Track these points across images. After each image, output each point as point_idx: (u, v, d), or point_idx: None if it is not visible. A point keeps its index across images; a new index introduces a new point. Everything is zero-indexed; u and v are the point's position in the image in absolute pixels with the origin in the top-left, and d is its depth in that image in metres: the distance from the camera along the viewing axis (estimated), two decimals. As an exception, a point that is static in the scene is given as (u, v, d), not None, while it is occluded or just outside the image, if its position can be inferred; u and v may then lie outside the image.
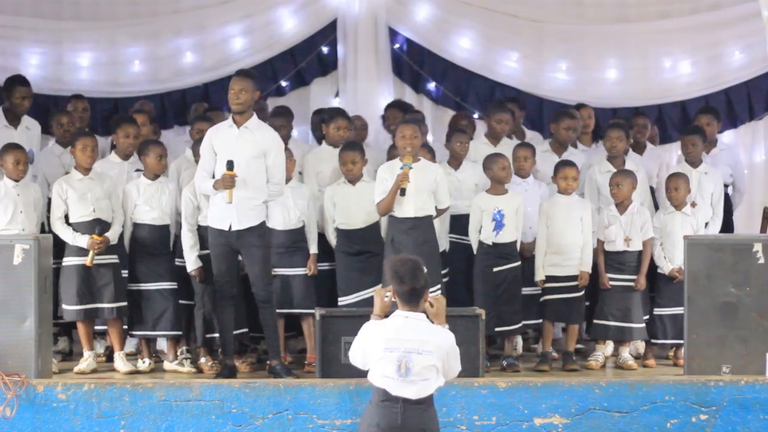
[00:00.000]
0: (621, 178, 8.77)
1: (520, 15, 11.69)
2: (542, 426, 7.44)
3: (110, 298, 8.32)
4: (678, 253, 8.65)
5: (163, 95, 11.52)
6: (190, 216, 8.42)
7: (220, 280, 8.10)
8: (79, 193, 8.37)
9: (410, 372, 5.63)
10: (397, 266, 5.74)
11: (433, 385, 5.70)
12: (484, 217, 8.65)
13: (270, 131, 8.22)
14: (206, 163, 8.09)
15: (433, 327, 5.79)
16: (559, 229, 8.66)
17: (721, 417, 7.48)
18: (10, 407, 7.29)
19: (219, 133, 8.11)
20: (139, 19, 11.62)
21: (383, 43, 11.55)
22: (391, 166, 8.34)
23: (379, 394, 5.64)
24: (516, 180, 8.95)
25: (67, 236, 8.32)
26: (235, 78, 8.07)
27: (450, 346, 5.79)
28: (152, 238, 8.54)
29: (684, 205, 8.87)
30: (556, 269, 8.65)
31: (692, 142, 9.30)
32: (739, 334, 7.89)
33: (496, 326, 8.51)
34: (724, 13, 11.51)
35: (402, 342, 5.66)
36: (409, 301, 5.73)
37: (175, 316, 8.51)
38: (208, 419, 7.37)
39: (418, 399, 5.63)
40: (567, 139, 9.56)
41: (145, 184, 8.59)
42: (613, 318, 8.69)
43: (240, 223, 7.99)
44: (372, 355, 5.68)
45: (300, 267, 8.62)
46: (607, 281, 8.71)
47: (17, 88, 8.97)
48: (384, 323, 5.77)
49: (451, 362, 5.85)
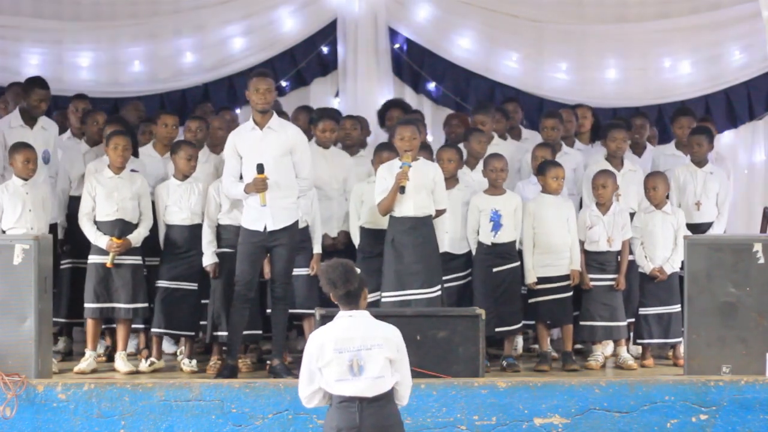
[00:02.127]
0: (605, 178, 8.78)
1: (520, 15, 11.69)
2: (542, 426, 7.44)
3: (127, 299, 8.35)
4: (659, 253, 8.72)
5: (163, 95, 11.52)
6: (213, 213, 8.45)
7: (241, 280, 8.09)
8: (107, 191, 8.40)
9: (363, 370, 5.58)
10: (329, 272, 5.69)
11: (389, 381, 5.64)
12: (481, 217, 8.65)
13: (293, 127, 8.29)
14: (232, 167, 8.11)
15: (379, 322, 5.75)
16: (548, 230, 8.66)
17: (721, 417, 7.48)
18: (10, 407, 7.29)
19: (242, 135, 8.13)
20: (139, 19, 11.62)
21: (383, 43, 11.55)
22: (390, 166, 8.33)
23: (336, 397, 5.62)
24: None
25: (90, 234, 8.37)
26: (260, 78, 8.07)
27: (399, 340, 5.72)
28: (183, 238, 8.54)
29: (664, 204, 8.87)
30: (547, 270, 8.65)
31: (698, 141, 9.27)
32: (739, 334, 7.89)
33: (496, 326, 8.52)
34: (724, 13, 11.50)
35: (350, 341, 5.61)
36: (348, 304, 5.71)
37: (198, 316, 8.57)
38: (208, 419, 7.37)
39: (375, 396, 5.60)
40: (549, 138, 9.54)
41: (174, 185, 8.60)
42: (601, 318, 8.69)
43: (275, 224, 8.02)
44: (322, 360, 5.63)
45: (302, 267, 8.60)
46: (589, 281, 8.72)
47: (35, 90, 8.96)
48: (329, 327, 5.73)
49: (403, 359, 5.73)
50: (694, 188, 9.20)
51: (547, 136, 9.45)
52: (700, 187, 9.19)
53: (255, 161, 7.95)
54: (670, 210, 8.87)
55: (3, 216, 8.27)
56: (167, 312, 8.50)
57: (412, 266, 8.14)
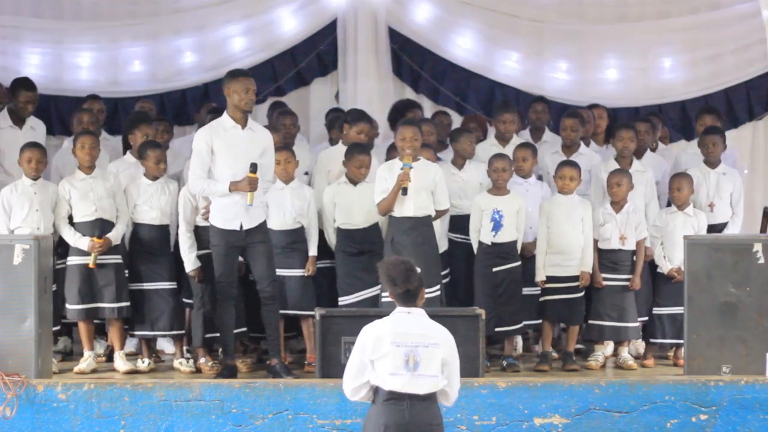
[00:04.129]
0: (621, 177, 8.78)
1: (520, 15, 11.69)
2: (542, 426, 7.45)
3: (111, 298, 8.33)
4: (677, 253, 8.68)
5: (163, 95, 11.51)
6: (189, 216, 8.41)
7: (223, 280, 8.08)
8: (82, 193, 8.38)
9: (418, 366, 5.61)
10: (390, 269, 5.72)
11: (440, 381, 5.67)
12: (483, 216, 8.66)
13: (265, 130, 8.29)
14: (203, 164, 8.01)
15: (436, 323, 5.79)
16: (560, 230, 8.66)
17: (721, 417, 7.48)
18: (10, 407, 7.30)
19: (220, 133, 8.05)
20: (139, 19, 11.61)
21: (383, 43, 11.54)
22: (391, 166, 8.34)
23: (383, 393, 5.62)
24: (517, 180, 8.96)
25: (70, 237, 8.35)
26: (245, 78, 8.05)
27: (454, 343, 5.77)
28: (152, 238, 8.54)
29: (687, 205, 8.87)
30: (557, 269, 8.65)
31: (713, 141, 9.25)
32: (739, 334, 7.90)
33: (496, 326, 8.52)
34: (724, 13, 11.50)
35: (408, 336, 5.64)
36: (406, 302, 5.73)
37: (175, 315, 8.52)
38: (208, 419, 7.37)
39: (425, 395, 5.62)
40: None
41: (145, 184, 8.59)
42: (609, 318, 8.69)
43: (251, 222, 8.01)
44: (377, 353, 5.63)
45: (297, 268, 8.58)
46: (601, 280, 8.72)
47: (21, 92, 8.98)
48: (386, 320, 5.75)
49: (455, 365, 5.79)
50: (707, 189, 9.18)
51: (566, 137, 9.42)
52: (713, 189, 9.18)
53: (235, 160, 7.92)
54: (691, 212, 8.87)
55: (11, 215, 8.28)
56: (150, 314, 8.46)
57: (411, 266, 8.13)
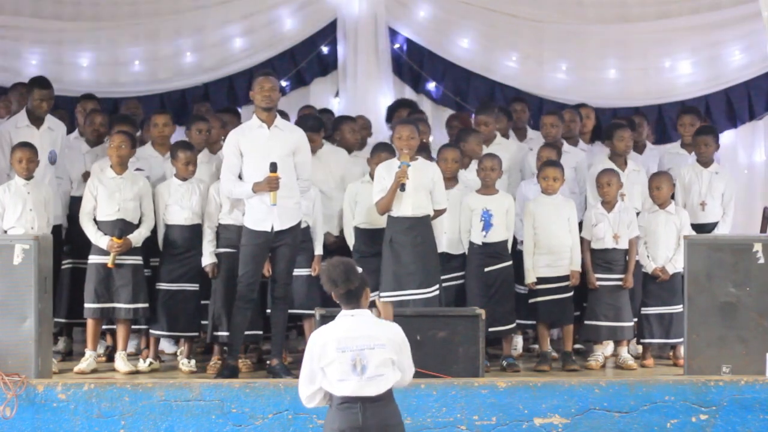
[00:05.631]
0: (610, 176, 8.80)
1: (520, 15, 11.70)
2: (542, 426, 7.44)
3: (127, 299, 8.34)
4: (661, 252, 8.74)
5: (163, 95, 11.52)
6: (213, 213, 8.45)
7: (245, 280, 8.08)
8: (108, 191, 8.40)
9: (366, 369, 5.58)
10: (330, 270, 5.68)
11: (390, 379, 5.64)
12: (473, 216, 8.65)
13: (298, 129, 8.31)
14: (233, 165, 8.07)
15: (381, 321, 5.75)
16: (549, 230, 8.66)
17: (721, 417, 7.47)
18: (10, 407, 7.29)
19: (246, 133, 8.10)
20: (139, 19, 11.63)
21: (383, 43, 11.56)
22: (389, 165, 8.32)
23: (336, 398, 5.61)
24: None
25: (91, 234, 8.37)
26: (266, 77, 8.09)
27: (402, 339, 5.73)
28: (183, 238, 8.54)
29: (668, 203, 8.88)
30: (548, 270, 8.64)
31: (705, 141, 9.26)
32: (739, 334, 7.89)
33: (490, 326, 8.46)
34: (724, 13, 11.51)
35: (353, 340, 5.60)
36: (349, 303, 5.70)
37: (194, 317, 8.57)
38: (208, 419, 7.36)
39: (377, 396, 5.60)
40: (548, 135, 9.52)
41: (176, 185, 8.60)
42: (606, 318, 8.69)
43: (282, 224, 8.03)
44: (324, 360, 5.62)
45: (302, 267, 8.58)
46: (594, 281, 8.72)
47: (35, 90, 8.96)
48: (330, 326, 5.73)
49: (406, 358, 5.74)
50: (699, 188, 9.19)
51: (546, 134, 9.45)
52: (705, 187, 9.19)
53: (261, 159, 7.94)
54: (673, 210, 8.88)
55: (4, 215, 8.28)
56: (169, 315, 8.49)
57: (409, 266, 8.13)
